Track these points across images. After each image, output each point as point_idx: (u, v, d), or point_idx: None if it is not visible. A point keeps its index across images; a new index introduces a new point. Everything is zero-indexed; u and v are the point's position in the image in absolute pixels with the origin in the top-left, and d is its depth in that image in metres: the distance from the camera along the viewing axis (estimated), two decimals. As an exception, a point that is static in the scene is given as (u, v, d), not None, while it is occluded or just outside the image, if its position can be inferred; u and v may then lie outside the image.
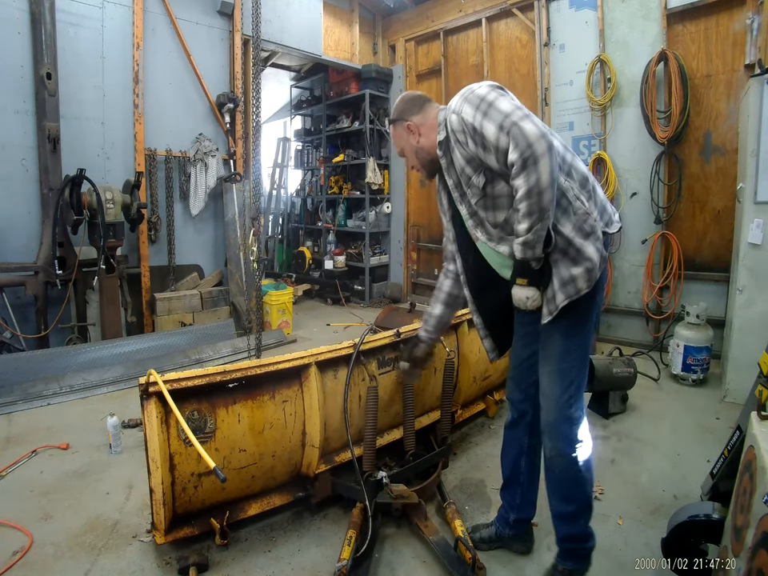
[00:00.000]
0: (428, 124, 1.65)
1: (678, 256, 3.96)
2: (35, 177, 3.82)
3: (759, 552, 1.03)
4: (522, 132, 1.34)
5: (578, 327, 1.55)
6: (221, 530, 1.84)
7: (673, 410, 3.10)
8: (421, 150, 1.68)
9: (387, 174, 6.54)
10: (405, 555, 1.87)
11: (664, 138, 3.92)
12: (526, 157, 1.33)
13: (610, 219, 1.58)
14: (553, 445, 1.59)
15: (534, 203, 1.36)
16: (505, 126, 1.37)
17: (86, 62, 4.06)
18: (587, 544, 1.65)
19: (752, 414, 1.37)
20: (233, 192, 4.79)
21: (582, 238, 1.46)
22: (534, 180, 1.34)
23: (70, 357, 3.58)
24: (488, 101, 1.43)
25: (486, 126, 1.42)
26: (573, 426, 1.56)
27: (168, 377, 1.72)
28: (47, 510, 2.11)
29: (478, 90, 1.49)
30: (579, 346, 1.56)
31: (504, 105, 1.41)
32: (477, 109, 1.45)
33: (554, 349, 1.56)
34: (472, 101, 1.47)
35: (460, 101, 1.51)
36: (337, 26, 6.10)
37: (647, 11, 4.06)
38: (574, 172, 1.53)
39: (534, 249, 1.41)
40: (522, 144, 1.34)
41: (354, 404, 2.16)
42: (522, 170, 1.35)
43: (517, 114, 1.37)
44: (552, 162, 1.34)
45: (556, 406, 1.56)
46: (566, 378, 1.55)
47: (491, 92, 1.46)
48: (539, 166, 1.33)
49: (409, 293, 6.53)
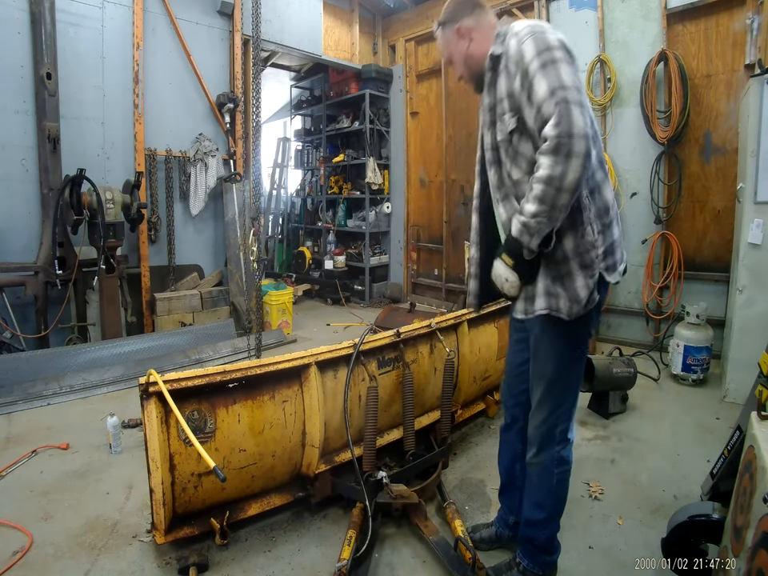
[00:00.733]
0: (482, 30, 1.52)
1: (678, 256, 3.96)
2: (35, 177, 3.82)
3: (759, 552, 1.03)
4: (570, 116, 1.23)
5: (569, 354, 1.52)
6: (221, 530, 1.84)
7: (673, 409, 3.10)
8: (471, 57, 1.55)
9: (387, 174, 6.54)
10: (405, 555, 1.87)
11: (664, 138, 3.92)
12: (562, 143, 1.23)
13: (614, 265, 1.47)
14: (534, 453, 1.62)
15: (550, 195, 1.27)
16: (556, 96, 1.26)
17: (85, 62, 4.06)
18: (548, 556, 1.67)
19: (752, 414, 1.37)
20: (233, 192, 4.79)
21: (578, 266, 1.39)
22: (559, 171, 1.25)
23: (70, 357, 3.58)
24: (553, 56, 1.31)
25: (538, 80, 1.30)
26: (557, 444, 1.58)
27: (168, 377, 1.72)
28: (47, 509, 2.11)
29: (549, 34, 1.35)
30: (570, 374, 1.54)
31: (566, 72, 1.29)
32: (539, 54, 1.32)
33: (545, 374, 1.54)
34: (538, 42, 1.33)
35: (527, 31, 1.37)
36: (337, 26, 6.10)
37: (647, 11, 4.06)
38: (597, 195, 1.43)
39: (530, 237, 1.33)
40: (563, 127, 1.23)
41: (354, 404, 2.16)
42: (553, 153, 1.25)
43: (573, 94, 1.26)
44: (583, 167, 1.25)
45: (543, 424, 1.58)
46: (555, 402, 1.55)
47: (560, 49, 1.32)
48: (570, 163, 1.24)
49: (409, 293, 6.53)
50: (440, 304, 6.00)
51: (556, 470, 1.58)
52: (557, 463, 1.58)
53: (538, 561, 1.66)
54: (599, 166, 1.44)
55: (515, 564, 1.70)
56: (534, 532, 1.65)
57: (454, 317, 2.68)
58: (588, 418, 3.01)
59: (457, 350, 2.64)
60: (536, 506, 1.63)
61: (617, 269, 1.48)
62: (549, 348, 1.52)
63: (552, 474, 1.58)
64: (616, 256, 1.48)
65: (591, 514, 2.10)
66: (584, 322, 1.46)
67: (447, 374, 2.40)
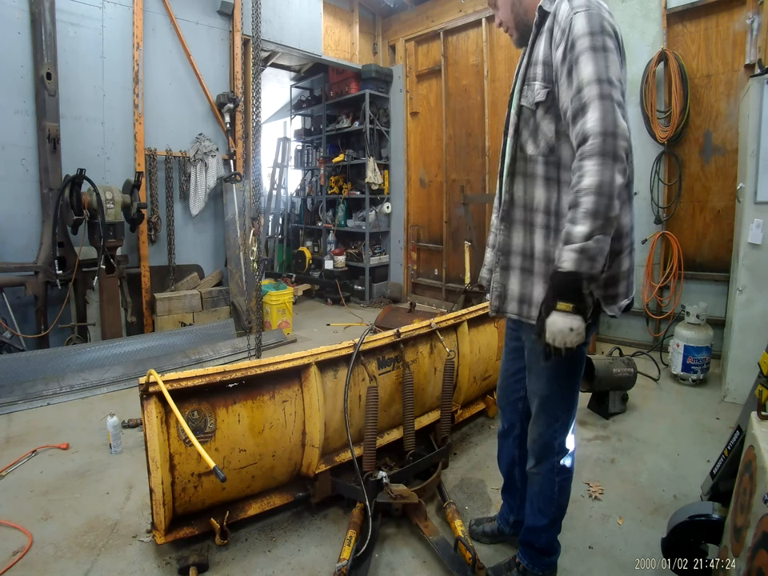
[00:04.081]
0: None
1: (678, 256, 3.96)
2: (35, 177, 3.82)
3: (759, 552, 1.03)
4: (615, 114, 1.12)
5: (561, 372, 1.45)
6: (221, 530, 1.84)
7: (673, 409, 3.10)
8: (519, 3, 1.41)
9: (387, 174, 6.54)
10: (405, 555, 1.87)
11: (664, 138, 3.92)
12: (608, 143, 1.09)
13: (615, 298, 1.34)
14: (534, 464, 1.60)
15: (604, 205, 1.09)
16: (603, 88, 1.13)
17: (85, 62, 4.06)
18: (547, 557, 1.66)
19: (752, 414, 1.37)
20: (233, 192, 4.79)
21: None
22: (609, 176, 1.08)
23: (70, 357, 3.58)
24: (606, 43, 1.19)
25: (585, 60, 1.17)
26: (555, 455, 1.56)
27: (168, 377, 1.72)
28: (47, 509, 2.11)
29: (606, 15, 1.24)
30: (566, 390, 1.49)
31: (615, 68, 1.17)
32: (592, 35, 1.18)
33: (538, 390, 1.51)
34: (593, 19, 1.21)
35: (587, 3, 1.24)
36: (337, 26, 6.09)
37: (647, 11, 4.06)
38: None
39: (593, 261, 1.11)
40: (609, 126, 1.10)
41: (354, 404, 2.16)
42: (600, 155, 1.10)
43: (617, 94, 1.15)
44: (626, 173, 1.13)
45: (540, 437, 1.55)
46: (552, 416, 1.51)
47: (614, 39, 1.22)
48: (617, 165, 1.10)
49: (409, 293, 6.53)
50: (440, 304, 6.00)
51: (557, 479, 1.57)
52: (557, 472, 1.57)
53: (538, 562, 1.66)
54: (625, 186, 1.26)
55: (515, 564, 1.70)
56: (535, 537, 1.65)
57: (454, 317, 2.68)
58: (588, 418, 3.01)
59: (457, 350, 2.64)
60: (538, 513, 1.62)
61: (617, 302, 1.35)
62: (541, 368, 1.47)
63: (553, 482, 1.57)
64: (619, 288, 1.35)
65: (591, 513, 2.11)
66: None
67: (447, 374, 2.40)
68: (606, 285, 1.33)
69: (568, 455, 1.59)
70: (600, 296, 1.32)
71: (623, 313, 1.39)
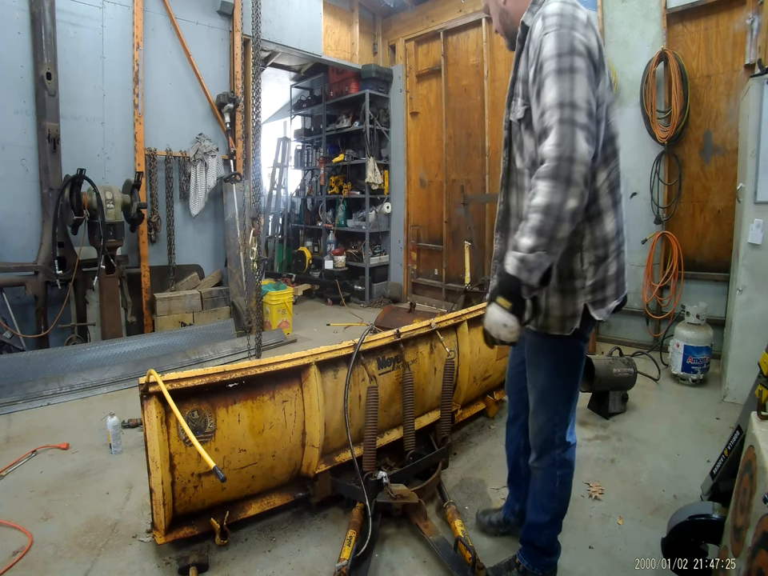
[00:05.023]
0: None
1: (678, 256, 3.96)
2: (35, 177, 3.82)
3: (759, 552, 1.03)
4: (573, 138, 1.13)
5: (562, 368, 1.49)
6: (221, 530, 1.84)
7: (673, 409, 3.10)
8: (506, 14, 1.45)
9: (387, 174, 6.55)
10: (405, 555, 1.87)
11: (664, 138, 3.92)
12: (562, 168, 1.13)
13: (603, 301, 1.37)
14: (536, 458, 1.63)
15: (550, 225, 1.14)
16: (563, 112, 1.15)
17: (85, 62, 4.06)
18: (548, 557, 1.67)
19: (752, 413, 1.37)
20: (233, 192, 4.79)
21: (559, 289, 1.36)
22: (559, 199, 1.13)
23: (70, 357, 3.58)
24: (573, 63, 1.18)
25: (549, 84, 1.19)
26: (556, 449, 1.57)
27: (168, 377, 1.72)
28: (47, 509, 2.11)
29: (578, 34, 1.20)
30: (565, 384, 1.51)
31: (581, 88, 1.17)
32: (559, 56, 1.18)
33: (539, 381, 1.53)
34: (562, 40, 1.19)
35: (554, 21, 1.22)
36: (337, 26, 6.09)
37: (647, 11, 4.06)
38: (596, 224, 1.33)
39: (530, 273, 1.17)
40: (565, 150, 1.13)
41: (354, 404, 2.16)
42: (552, 178, 1.14)
43: (581, 117, 1.15)
44: (582, 195, 1.15)
45: (540, 431, 1.58)
46: (550, 409, 1.54)
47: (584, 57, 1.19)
48: (571, 190, 1.13)
49: (409, 293, 6.53)
50: (440, 304, 6.00)
51: (558, 473, 1.59)
52: (558, 465, 1.59)
53: (538, 562, 1.66)
54: (608, 192, 1.33)
55: (515, 564, 1.70)
56: (536, 535, 1.66)
57: (454, 317, 2.68)
58: (588, 417, 3.01)
59: (457, 350, 2.64)
60: (540, 510, 1.63)
61: (606, 306, 1.38)
62: (539, 361, 1.52)
63: (554, 476, 1.59)
64: (607, 291, 1.38)
65: (591, 513, 2.11)
66: (570, 342, 1.43)
67: (447, 374, 2.40)
68: (593, 290, 1.36)
69: (569, 449, 1.60)
70: (588, 302, 1.36)
71: (615, 312, 1.42)
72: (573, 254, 1.34)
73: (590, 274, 1.34)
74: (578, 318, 1.37)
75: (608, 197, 1.32)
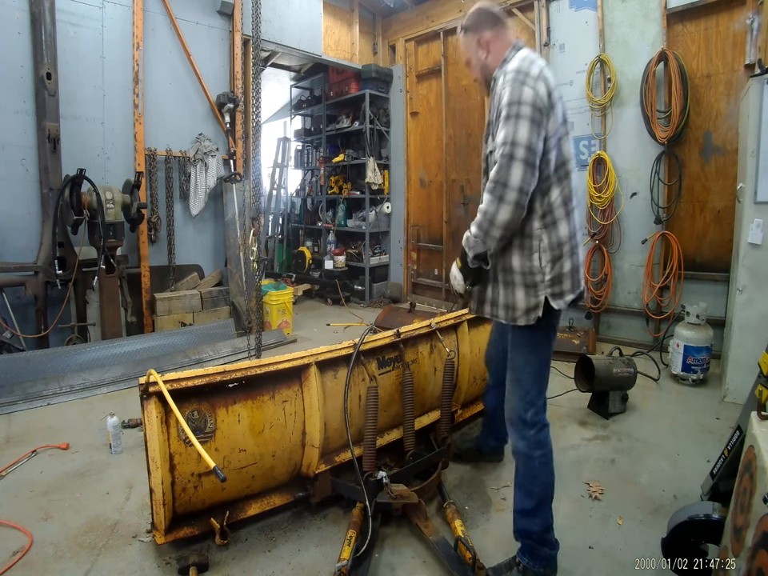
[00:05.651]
0: (499, 45, 1.70)
1: (677, 256, 3.96)
2: (35, 177, 3.82)
3: (759, 552, 1.03)
4: (509, 169, 1.46)
5: (533, 349, 1.71)
6: (221, 530, 1.84)
7: (673, 409, 3.10)
8: (486, 67, 1.74)
9: (387, 174, 6.54)
10: (405, 555, 1.87)
11: (664, 138, 3.92)
12: (497, 189, 1.48)
13: (561, 294, 1.62)
14: (513, 441, 1.76)
15: (485, 225, 1.54)
16: (506, 148, 1.47)
17: (85, 62, 4.06)
18: (547, 549, 1.71)
19: (752, 413, 1.37)
20: (233, 192, 4.79)
21: (522, 282, 1.63)
22: (492, 210, 1.51)
23: (70, 357, 3.58)
24: (519, 111, 1.48)
25: (501, 127, 1.52)
26: (529, 428, 1.70)
27: (168, 377, 1.72)
28: (47, 509, 2.11)
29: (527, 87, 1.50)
30: (535, 364, 1.71)
31: (523, 130, 1.47)
32: (509, 105, 1.50)
33: (516, 361, 1.73)
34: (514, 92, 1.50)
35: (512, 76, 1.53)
36: (337, 26, 6.09)
37: (647, 11, 4.06)
38: (552, 231, 1.61)
39: (468, 249, 1.63)
40: (501, 177, 1.47)
41: (354, 404, 2.16)
42: (489, 192, 1.50)
43: (520, 152, 1.45)
44: (514, 214, 1.49)
45: (514, 409, 1.73)
46: (524, 386, 1.71)
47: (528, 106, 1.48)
48: (502, 206, 1.48)
49: (409, 293, 6.53)
50: (440, 304, 6.00)
51: (536, 454, 1.69)
52: (534, 446, 1.70)
53: (537, 556, 1.69)
54: (560, 205, 1.61)
55: (515, 564, 1.72)
56: (528, 523, 1.71)
57: (454, 317, 2.68)
58: (588, 417, 3.01)
59: (457, 350, 2.64)
60: (526, 496, 1.72)
61: (563, 298, 1.62)
62: (514, 346, 1.74)
63: (533, 459, 1.69)
64: (564, 286, 1.62)
65: (591, 514, 2.10)
66: (541, 330, 1.66)
67: (447, 374, 2.40)
68: (552, 284, 1.61)
69: (543, 430, 1.72)
70: (548, 294, 1.61)
71: (572, 305, 1.68)
72: (533, 254, 1.61)
73: (547, 270, 1.61)
74: (539, 309, 1.61)
75: (561, 209, 1.61)
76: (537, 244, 1.60)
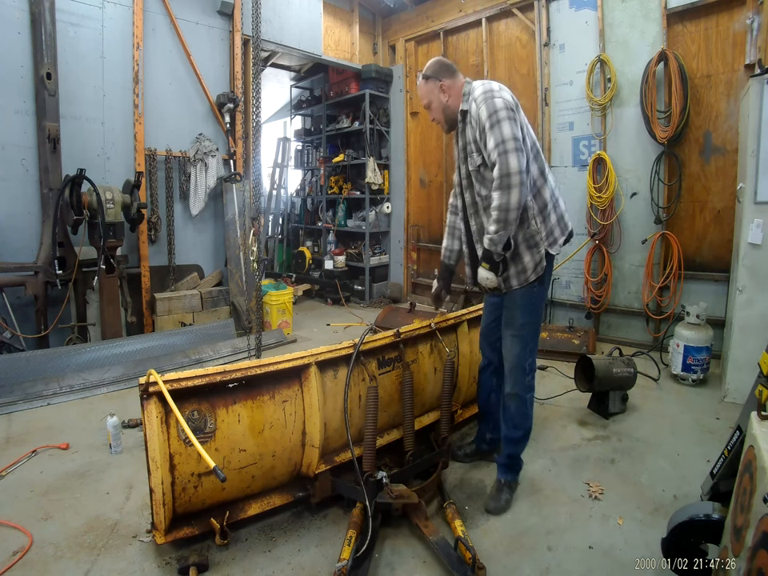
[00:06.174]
0: (456, 88, 2.07)
1: (678, 256, 3.96)
2: (35, 177, 3.82)
3: (759, 552, 1.03)
4: (507, 162, 1.79)
5: (533, 308, 2.08)
6: (221, 530, 1.84)
7: (673, 410, 3.10)
8: (447, 108, 2.09)
9: (387, 174, 6.54)
10: (405, 555, 1.87)
11: (664, 138, 3.92)
12: (503, 183, 1.80)
13: (555, 241, 2.04)
14: (512, 386, 2.11)
15: (503, 216, 1.83)
16: (498, 148, 1.82)
17: (85, 62, 4.06)
18: (521, 464, 2.25)
19: (752, 414, 1.37)
20: (233, 192, 4.79)
21: (526, 248, 1.99)
22: (505, 200, 1.81)
23: (70, 357, 3.58)
24: (498, 117, 1.84)
25: (488, 136, 1.86)
26: (527, 375, 2.10)
27: (168, 377, 1.73)
28: (47, 509, 2.11)
29: (497, 99, 1.87)
30: (534, 321, 2.10)
31: (506, 129, 1.82)
32: (489, 117, 1.86)
33: (516, 321, 2.08)
34: (489, 106, 1.87)
35: (481, 98, 1.91)
36: (337, 26, 6.09)
37: (647, 11, 4.06)
38: (538, 198, 2.00)
39: (496, 246, 1.89)
40: (503, 170, 1.80)
41: (354, 404, 2.16)
42: (498, 189, 1.82)
43: (510, 144, 1.80)
44: (521, 193, 1.81)
45: (517, 359, 2.08)
46: (524, 340, 2.07)
47: (504, 110, 1.85)
48: (511, 193, 1.80)
49: (409, 293, 6.53)
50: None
51: (527, 396, 2.11)
52: (527, 389, 2.11)
53: (516, 470, 2.22)
54: (539, 175, 2.01)
55: (501, 486, 2.16)
56: (516, 448, 2.17)
57: (454, 317, 2.68)
58: (588, 417, 3.01)
59: (457, 350, 2.64)
60: (514, 428, 2.14)
61: (557, 242, 2.05)
62: (519, 304, 2.06)
63: (525, 399, 2.11)
64: (555, 234, 2.04)
65: (591, 514, 2.10)
66: (537, 288, 2.04)
67: (447, 373, 2.40)
68: (547, 236, 2.01)
69: (533, 374, 2.14)
70: (546, 246, 2.00)
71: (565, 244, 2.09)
72: (529, 221, 1.98)
73: (542, 228, 2.00)
74: (543, 260, 2.00)
75: (540, 178, 2.02)
76: (530, 213, 1.96)
